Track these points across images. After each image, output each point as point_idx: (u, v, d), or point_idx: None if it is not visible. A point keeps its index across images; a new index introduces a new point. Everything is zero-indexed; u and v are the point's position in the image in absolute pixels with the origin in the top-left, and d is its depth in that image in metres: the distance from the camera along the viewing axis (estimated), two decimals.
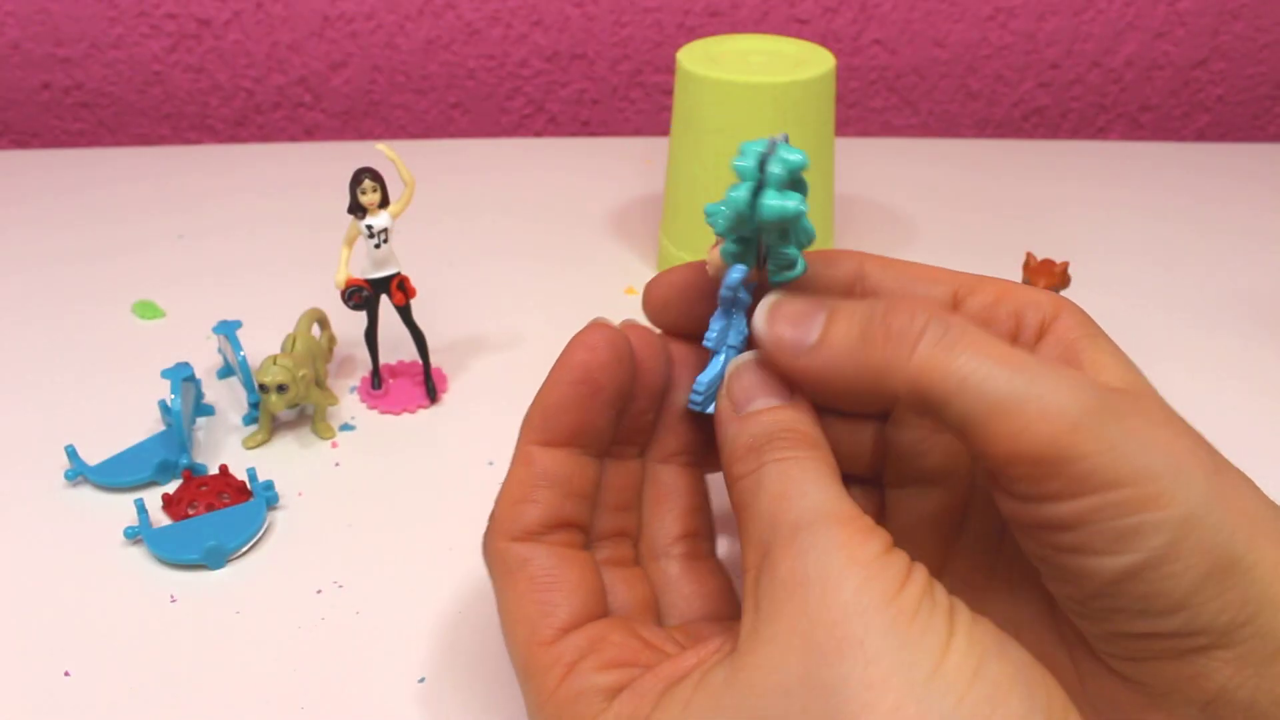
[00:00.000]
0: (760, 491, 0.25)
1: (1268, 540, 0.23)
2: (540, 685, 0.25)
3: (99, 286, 0.53)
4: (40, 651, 0.33)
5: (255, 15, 0.71)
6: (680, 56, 0.51)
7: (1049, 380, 0.23)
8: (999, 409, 0.23)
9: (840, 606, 0.21)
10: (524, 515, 0.27)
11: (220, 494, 0.39)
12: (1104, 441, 0.22)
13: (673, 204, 0.54)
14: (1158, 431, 0.23)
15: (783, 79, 0.48)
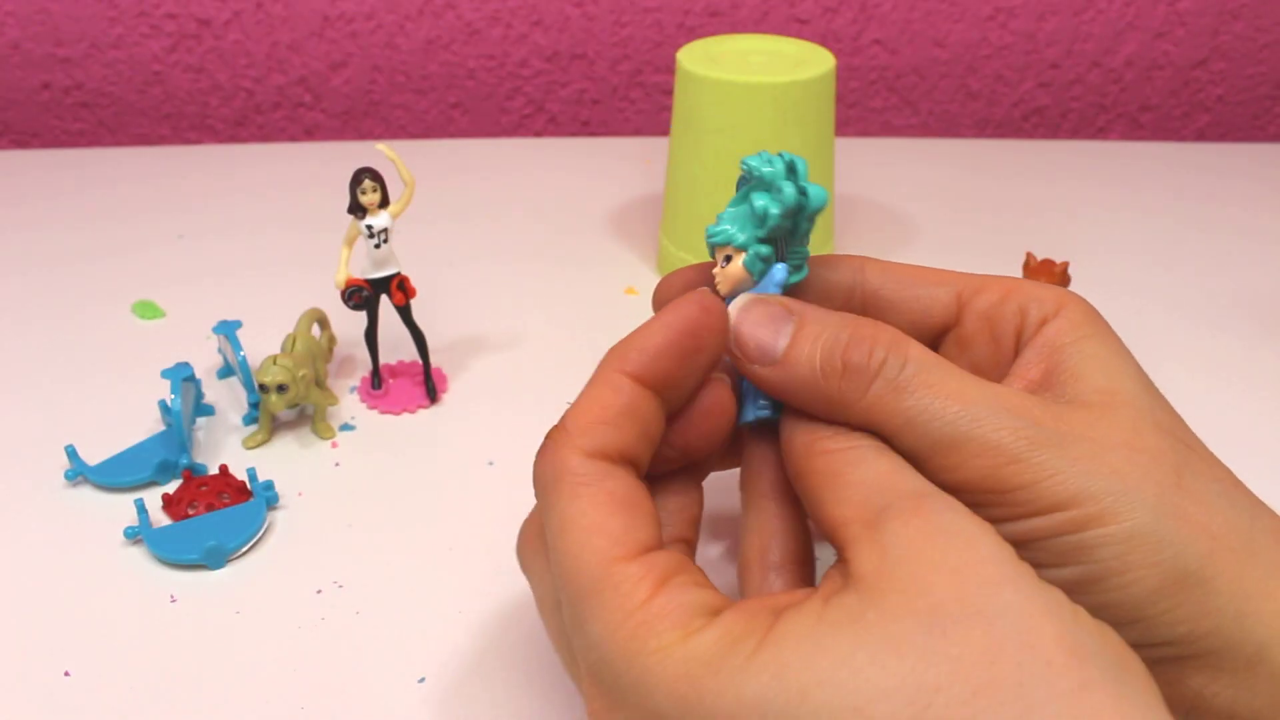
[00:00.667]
0: (863, 464, 0.24)
1: (1229, 554, 0.24)
2: (621, 601, 0.22)
3: (99, 286, 0.53)
4: (40, 651, 0.33)
5: (255, 15, 0.71)
6: (680, 56, 0.51)
7: (991, 419, 0.24)
8: (942, 446, 0.24)
9: (985, 552, 0.22)
10: (604, 436, 0.25)
11: (220, 494, 0.39)
12: (1043, 470, 0.24)
13: (673, 204, 0.54)
14: (1106, 455, 0.24)
15: (783, 79, 0.48)
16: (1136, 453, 0.25)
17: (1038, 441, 0.24)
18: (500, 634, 0.34)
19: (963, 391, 0.25)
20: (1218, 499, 0.25)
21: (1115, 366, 0.27)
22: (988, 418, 0.24)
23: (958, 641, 0.20)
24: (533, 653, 0.34)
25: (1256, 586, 0.24)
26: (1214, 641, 0.24)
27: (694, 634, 0.22)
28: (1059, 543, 0.24)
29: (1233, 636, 0.24)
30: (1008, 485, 0.24)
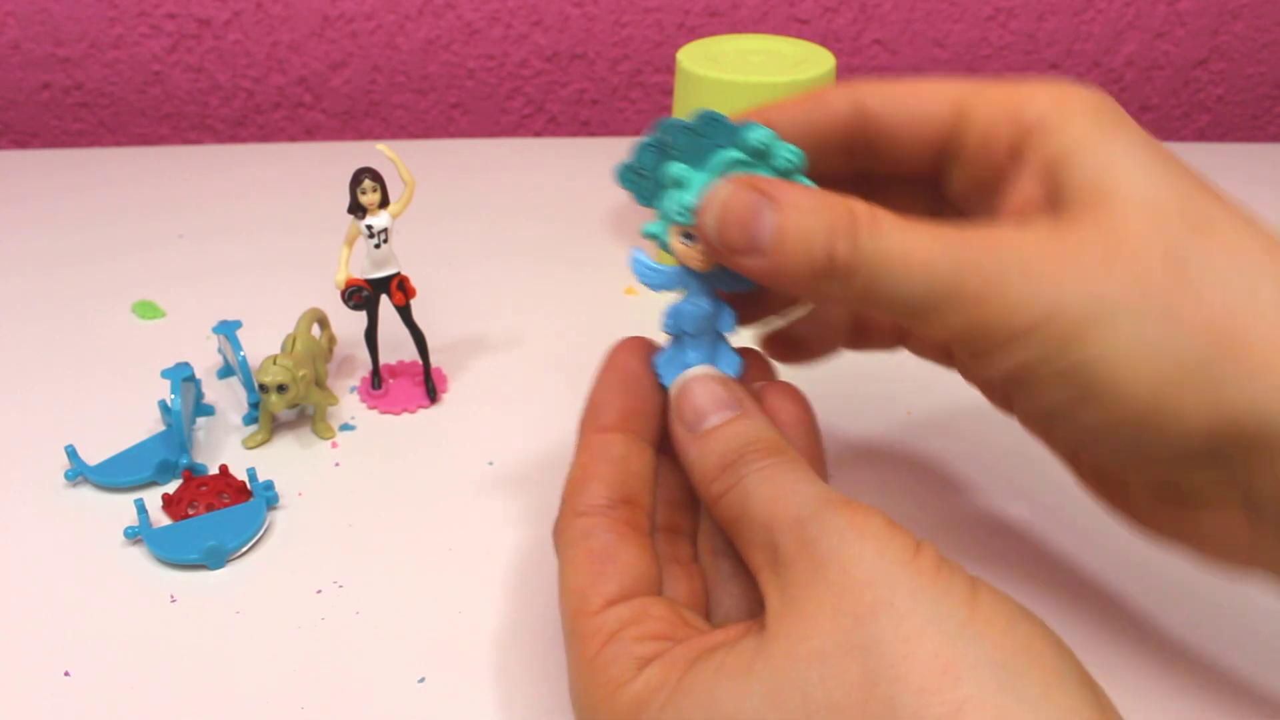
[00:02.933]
0: (749, 500, 0.26)
1: (1239, 339, 0.24)
2: (581, 651, 0.26)
3: (99, 286, 0.53)
4: (40, 651, 0.33)
5: (255, 15, 0.71)
6: (680, 56, 0.51)
7: (951, 273, 0.25)
8: (912, 316, 0.26)
9: (863, 574, 0.23)
10: (586, 491, 0.29)
11: (220, 494, 0.39)
12: (1010, 300, 0.25)
13: None
14: (1080, 264, 0.25)
15: (782, 79, 0.48)
16: (1118, 256, 0.24)
17: (999, 272, 0.25)
18: (500, 634, 0.34)
19: (919, 249, 0.25)
20: (1235, 278, 0.24)
21: (1115, 162, 0.26)
22: (948, 271, 0.25)
23: (835, 685, 0.22)
24: (533, 653, 0.34)
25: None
26: (1239, 428, 0.24)
27: (624, 685, 0.25)
28: (1045, 370, 0.25)
29: (1262, 417, 0.23)
30: (982, 329, 0.25)
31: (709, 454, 0.28)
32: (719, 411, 0.28)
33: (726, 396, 0.29)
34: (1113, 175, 0.26)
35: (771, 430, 0.28)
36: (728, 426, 0.28)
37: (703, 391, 0.29)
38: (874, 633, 0.22)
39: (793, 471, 0.26)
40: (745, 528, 0.26)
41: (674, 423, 0.29)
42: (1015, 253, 0.25)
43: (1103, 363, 0.24)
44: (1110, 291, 0.24)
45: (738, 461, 0.27)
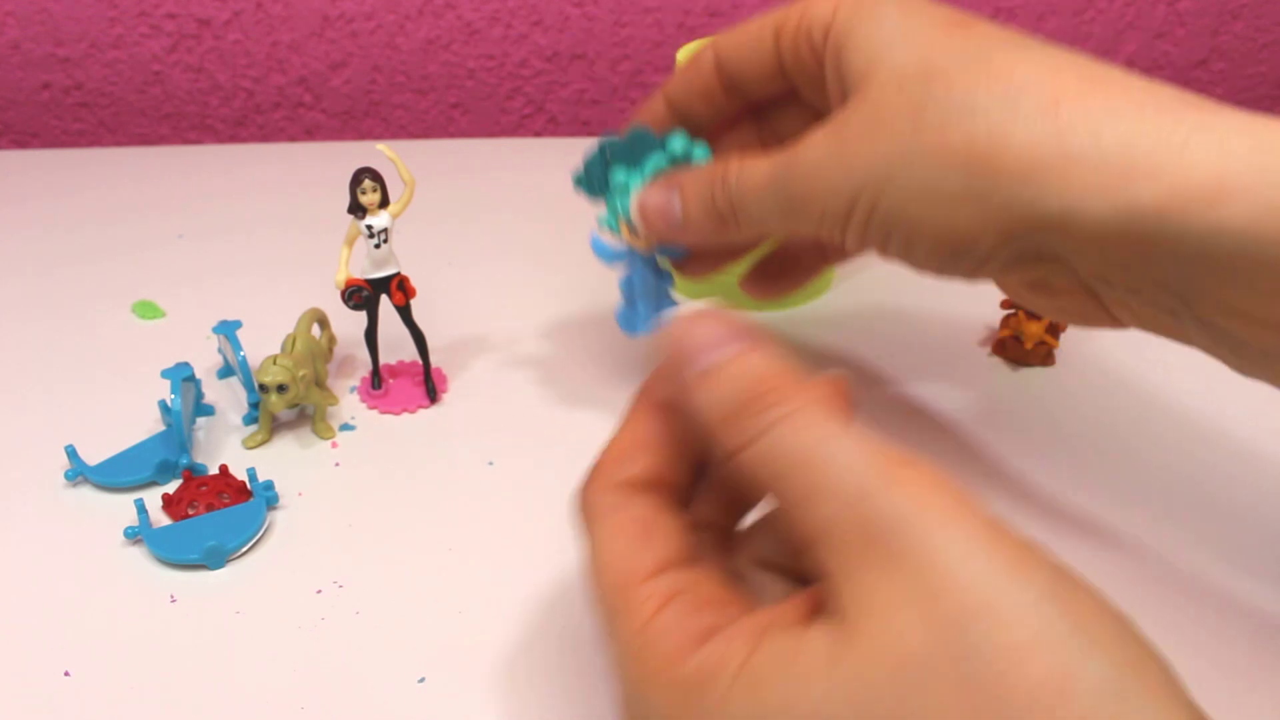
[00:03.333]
0: (780, 459, 0.24)
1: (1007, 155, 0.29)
2: (630, 620, 0.24)
3: (99, 286, 0.53)
4: (40, 651, 0.33)
5: (255, 15, 0.71)
6: (681, 57, 0.51)
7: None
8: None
9: (954, 571, 0.21)
10: (626, 468, 0.27)
11: (220, 494, 0.39)
12: (819, 191, 0.32)
13: None
14: (848, 146, 0.32)
15: None
16: (878, 126, 0.30)
17: (804, 175, 0.32)
18: (500, 634, 0.34)
19: (759, 175, 0.34)
20: (990, 104, 0.29)
21: (870, 42, 0.32)
22: (780, 186, 0.33)
23: (934, 697, 0.20)
24: (532, 653, 0.34)
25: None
26: (1026, 228, 0.29)
27: (684, 658, 0.23)
28: (874, 231, 0.31)
29: (1042, 215, 0.28)
30: (820, 221, 0.32)
31: (720, 397, 0.25)
32: (724, 345, 0.26)
33: (729, 331, 0.26)
34: (869, 55, 0.32)
35: (790, 367, 0.25)
36: (737, 362, 0.25)
37: (703, 326, 0.26)
38: (975, 641, 0.20)
39: (827, 420, 0.24)
40: (783, 493, 0.24)
41: (674, 368, 0.27)
42: (809, 154, 0.32)
43: (901, 211, 0.30)
44: (878, 158, 0.30)
45: (754, 405, 0.24)
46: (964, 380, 0.47)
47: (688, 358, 0.26)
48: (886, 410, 0.45)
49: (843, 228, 0.32)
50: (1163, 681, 0.20)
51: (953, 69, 0.29)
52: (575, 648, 0.34)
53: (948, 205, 0.29)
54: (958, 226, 0.29)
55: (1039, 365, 0.48)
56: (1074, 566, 0.37)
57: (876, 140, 0.30)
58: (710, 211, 0.35)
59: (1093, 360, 0.48)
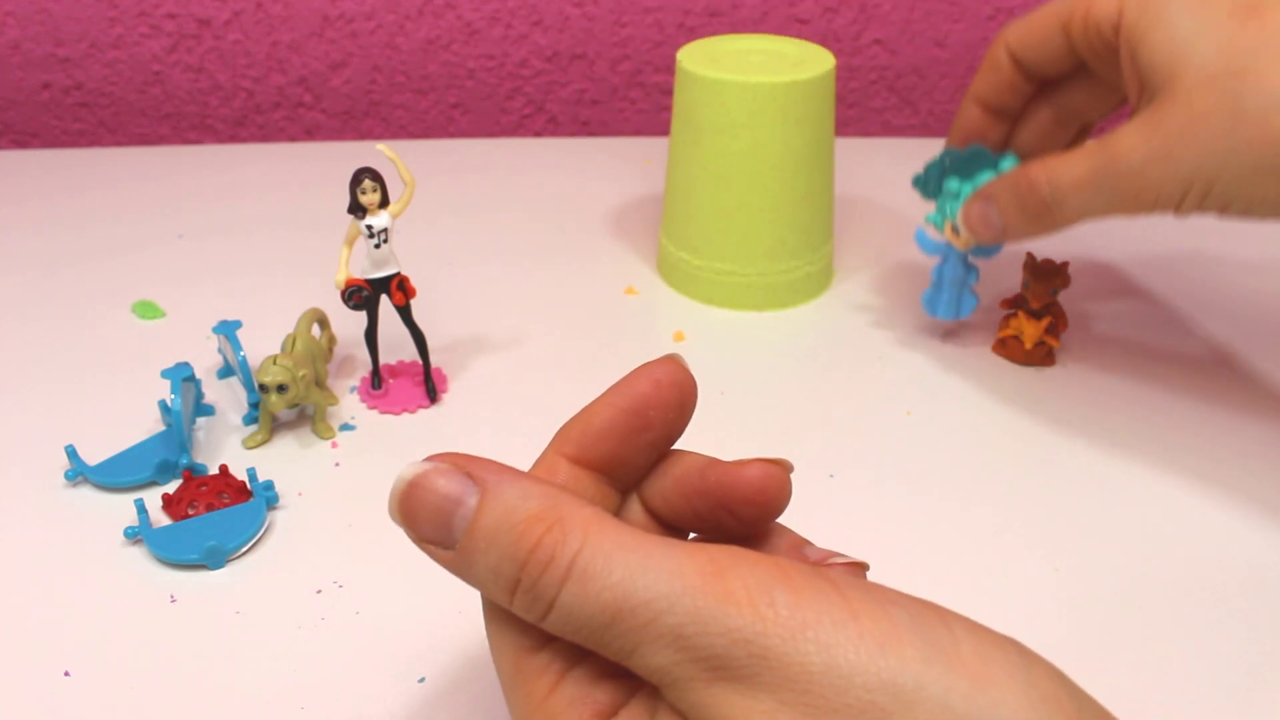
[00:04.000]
0: (591, 625, 0.21)
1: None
2: (528, 693, 0.23)
3: (99, 286, 0.53)
4: (40, 651, 0.33)
5: (255, 15, 0.71)
6: (680, 57, 0.51)
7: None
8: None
9: (824, 673, 0.20)
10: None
11: (220, 494, 0.39)
12: None
13: (673, 204, 0.54)
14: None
15: (783, 79, 0.48)
16: (1193, 124, 0.35)
17: (1128, 176, 0.37)
18: None
19: (1080, 177, 0.39)
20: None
21: (1165, 42, 0.36)
22: (1103, 185, 0.38)
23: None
24: None
25: None
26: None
27: None
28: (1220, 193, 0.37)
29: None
30: (1153, 201, 0.38)
31: (491, 568, 0.22)
32: (461, 505, 0.23)
33: (459, 481, 0.24)
34: (1170, 55, 0.36)
35: (543, 490, 0.23)
36: (485, 513, 0.23)
37: (435, 481, 0.24)
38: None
39: (615, 550, 0.21)
40: (611, 650, 0.21)
41: (429, 551, 0.24)
42: (1133, 156, 0.37)
43: (1236, 191, 0.35)
44: (1205, 154, 0.35)
45: (531, 568, 0.22)
46: (964, 380, 0.47)
47: (436, 534, 0.24)
48: (887, 410, 0.45)
49: (1176, 209, 0.37)
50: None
51: (1259, 64, 0.34)
52: None
53: (1272, 185, 0.34)
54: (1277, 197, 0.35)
55: (1039, 365, 0.48)
56: (1074, 566, 0.37)
57: (1199, 138, 0.35)
58: (1025, 214, 0.41)
59: (1093, 360, 0.48)
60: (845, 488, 0.41)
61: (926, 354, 0.49)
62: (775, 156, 0.49)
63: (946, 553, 0.38)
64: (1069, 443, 0.43)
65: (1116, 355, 0.48)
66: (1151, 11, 0.37)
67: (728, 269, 0.52)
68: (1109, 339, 0.50)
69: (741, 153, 0.49)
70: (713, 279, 0.52)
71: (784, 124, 0.49)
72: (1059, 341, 0.48)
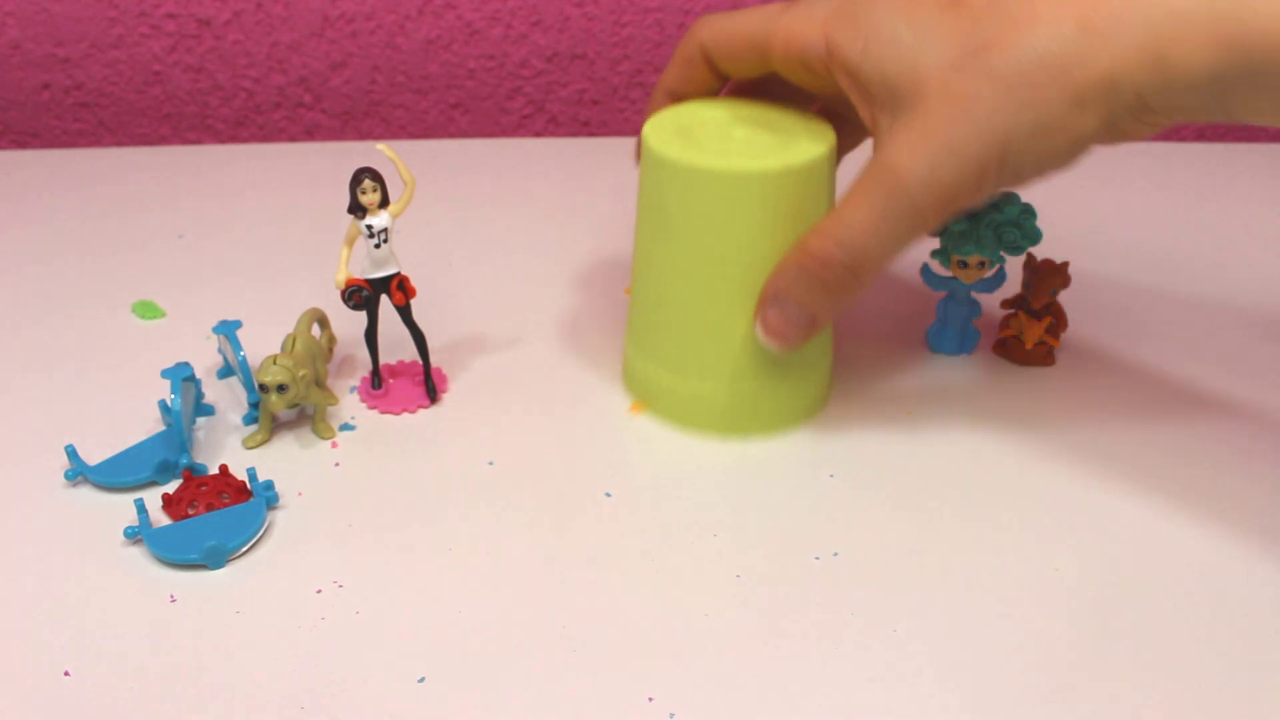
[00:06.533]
0: None
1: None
2: None
3: (99, 286, 0.53)
4: (40, 651, 0.33)
5: (255, 15, 0.71)
6: (647, 131, 0.41)
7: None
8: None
9: None
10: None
11: (220, 494, 0.39)
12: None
13: (639, 304, 0.44)
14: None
15: (772, 164, 0.39)
16: (963, 113, 0.35)
17: (905, 180, 0.36)
18: (500, 634, 0.34)
19: (863, 221, 0.37)
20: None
21: (900, 52, 0.36)
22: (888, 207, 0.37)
23: None
24: (533, 653, 0.34)
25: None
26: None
27: None
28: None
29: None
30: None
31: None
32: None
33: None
34: (905, 66, 0.36)
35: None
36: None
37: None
38: None
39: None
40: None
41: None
42: (917, 169, 0.35)
43: (1028, 156, 0.35)
44: (988, 134, 0.34)
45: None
46: (964, 380, 0.47)
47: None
48: (887, 410, 0.45)
49: (977, 194, 0.36)
50: None
51: (993, 35, 0.34)
52: (575, 648, 0.34)
53: (1061, 130, 0.34)
54: (1074, 136, 0.34)
55: (1039, 365, 0.48)
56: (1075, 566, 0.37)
57: (974, 120, 0.34)
58: (830, 293, 0.38)
59: (1093, 360, 0.48)
60: (846, 488, 0.41)
61: (926, 354, 0.49)
62: (760, 258, 0.40)
63: (946, 553, 0.38)
64: (1069, 443, 0.43)
65: (1116, 355, 0.48)
66: (861, 32, 0.37)
67: (707, 390, 0.43)
68: (1109, 339, 0.50)
69: (724, 255, 0.40)
70: (692, 401, 0.43)
71: (775, 219, 0.40)
72: (1059, 341, 0.48)
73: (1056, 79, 0.33)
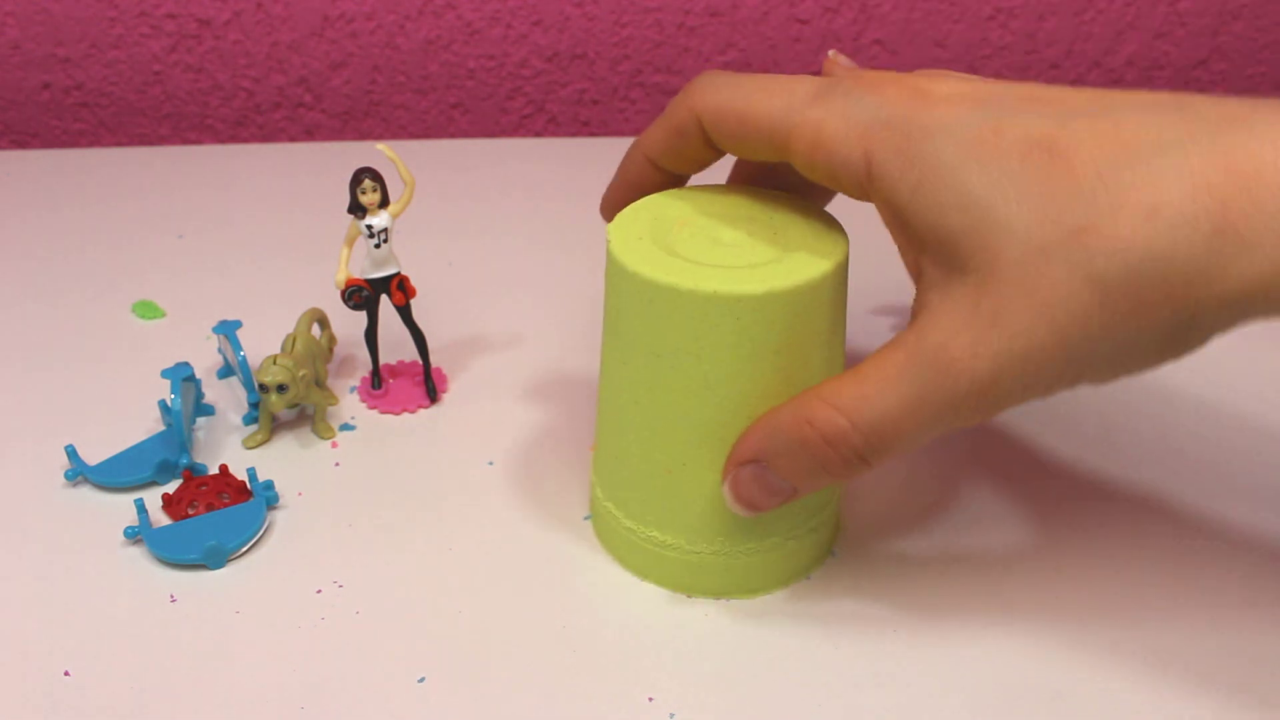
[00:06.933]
0: None
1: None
2: None
3: (99, 286, 0.54)
4: (40, 651, 0.33)
5: (255, 15, 0.71)
6: (612, 229, 0.34)
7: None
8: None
9: None
10: None
11: (220, 494, 0.39)
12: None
13: (604, 429, 0.36)
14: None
15: (753, 287, 0.30)
16: (1041, 309, 0.27)
17: (946, 382, 0.28)
18: (500, 634, 0.34)
19: (892, 398, 0.29)
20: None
21: (968, 201, 0.28)
22: (917, 394, 0.29)
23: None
24: (533, 653, 0.34)
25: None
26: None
27: None
28: None
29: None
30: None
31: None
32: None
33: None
34: (966, 221, 0.28)
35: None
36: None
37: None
38: None
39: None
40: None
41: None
42: (977, 362, 0.28)
43: (1105, 373, 0.28)
44: (1073, 348, 0.27)
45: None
46: None
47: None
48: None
49: (1036, 398, 0.29)
50: None
51: (1096, 217, 0.26)
52: (575, 648, 0.34)
53: (1158, 352, 0.27)
54: (1172, 355, 0.28)
55: None
56: (1077, 562, 0.37)
57: (1058, 326, 0.27)
58: (829, 472, 0.31)
59: None
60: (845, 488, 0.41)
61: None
62: (738, 397, 0.32)
63: (946, 548, 0.38)
64: (1070, 442, 0.43)
65: None
66: (915, 165, 0.28)
67: (668, 541, 0.35)
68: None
69: (697, 385, 0.32)
70: (652, 550, 0.36)
71: (753, 354, 0.31)
72: None
73: (1174, 295, 0.26)
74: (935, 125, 0.29)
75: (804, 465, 0.31)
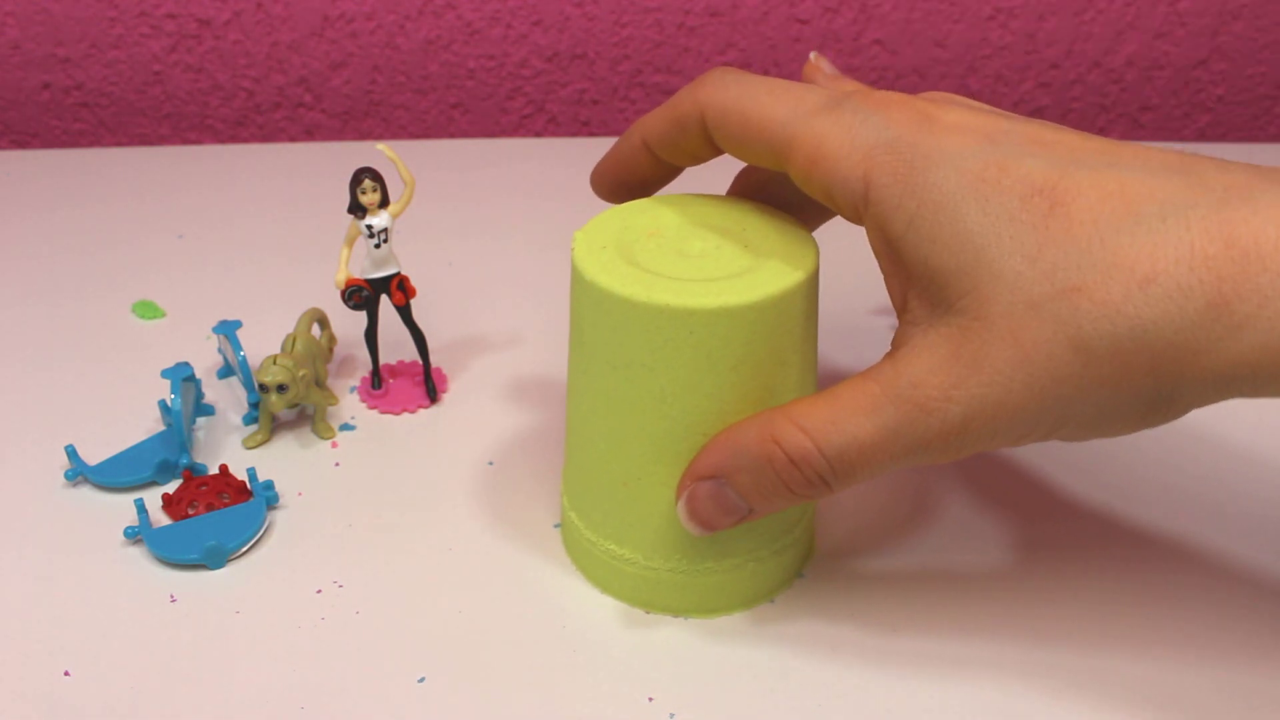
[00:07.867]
0: None
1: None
2: None
3: (99, 286, 0.54)
4: (40, 651, 0.33)
5: (255, 15, 0.71)
6: (578, 237, 0.33)
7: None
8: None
9: None
10: None
11: (220, 494, 0.39)
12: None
13: (569, 439, 0.36)
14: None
15: (711, 301, 0.30)
16: (1024, 361, 0.27)
17: (934, 412, 0.28)
18: (500, 634, 0.34)
19: (862, 437, 0.29)
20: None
21: (962, 239, 0.27)
22: (892, 432, 0.29)
23: None
24: (533, 653, 0.34)
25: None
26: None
27: None
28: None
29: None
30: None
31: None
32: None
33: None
34: (959, 260, 0.27)
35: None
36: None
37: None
38: None
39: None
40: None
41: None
42: (951, 405, 0.27)
43: (1084, 431, 0.28)
44: (1052, 400, 0.27)
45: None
46: None
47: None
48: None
49: (1009, 446, 0.29)
50: None
51: (1087, 276, 0.25)
52: (575, 648, 0.34)
53: (1139, 418, 0.27)
54: (1149, 423, 0.27)
55: None
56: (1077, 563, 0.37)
57: (1037, 381, 0.26)
58: (791, 492, 0.30)
59: None
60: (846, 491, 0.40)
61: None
62: (694, 412, 0.31)
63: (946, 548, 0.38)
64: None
65: None
66: (918, 195, 0.28)
67: (625, 555, 0.35)
68: None
69: (642, 403, 0.31)
70: (610, 563, 0.35)
71: (709, 368, 0.31)
72: None
73: (1158, 367, 0.25)
74: (939, 154, 0.28)
75: (766, 484, 0.30)
